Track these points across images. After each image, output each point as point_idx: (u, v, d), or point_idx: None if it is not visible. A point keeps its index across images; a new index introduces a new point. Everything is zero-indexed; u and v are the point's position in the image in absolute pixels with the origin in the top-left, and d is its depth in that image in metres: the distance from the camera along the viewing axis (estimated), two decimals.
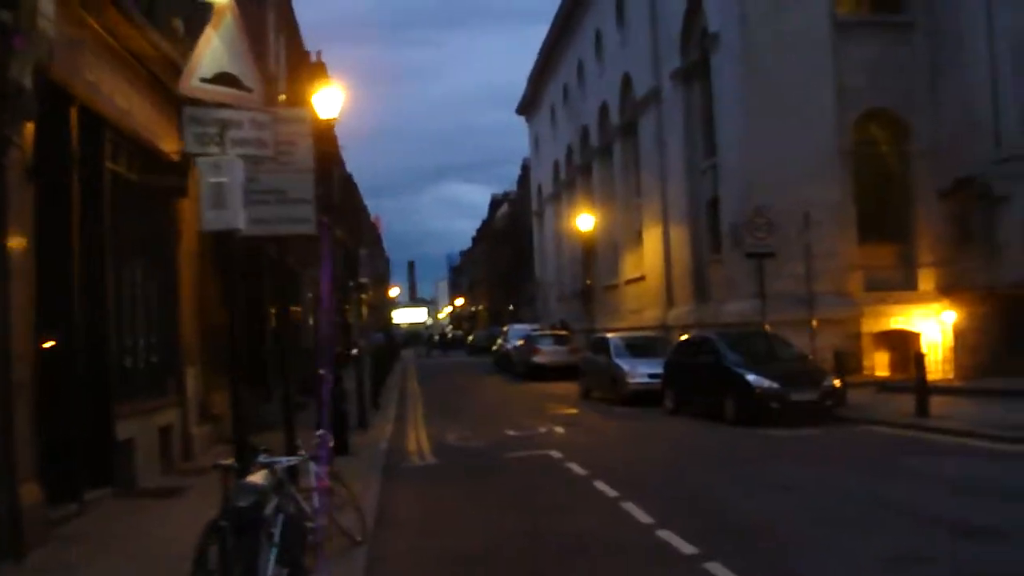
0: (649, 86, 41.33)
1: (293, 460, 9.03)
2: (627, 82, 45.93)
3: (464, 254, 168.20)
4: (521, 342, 44.10)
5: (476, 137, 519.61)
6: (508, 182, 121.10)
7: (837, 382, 21.35)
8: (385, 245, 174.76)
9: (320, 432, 10.84)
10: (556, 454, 17.22)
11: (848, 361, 24.49)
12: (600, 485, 13.65)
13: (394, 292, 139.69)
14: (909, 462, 14.76)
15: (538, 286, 76.37)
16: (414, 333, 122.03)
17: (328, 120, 18.14)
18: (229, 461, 8.12)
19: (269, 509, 7.46)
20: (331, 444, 10.50)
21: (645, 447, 18.79)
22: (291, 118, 10.75)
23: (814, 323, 25.94)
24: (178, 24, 16.93)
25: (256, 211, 10.40)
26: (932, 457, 15.33)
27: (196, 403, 18.03)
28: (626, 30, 45.63)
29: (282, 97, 20.71)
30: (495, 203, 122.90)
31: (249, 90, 8.26)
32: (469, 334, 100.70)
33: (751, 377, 20.84)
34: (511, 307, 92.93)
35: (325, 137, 18.41)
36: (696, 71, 36.08)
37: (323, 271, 17.71)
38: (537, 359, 40.43)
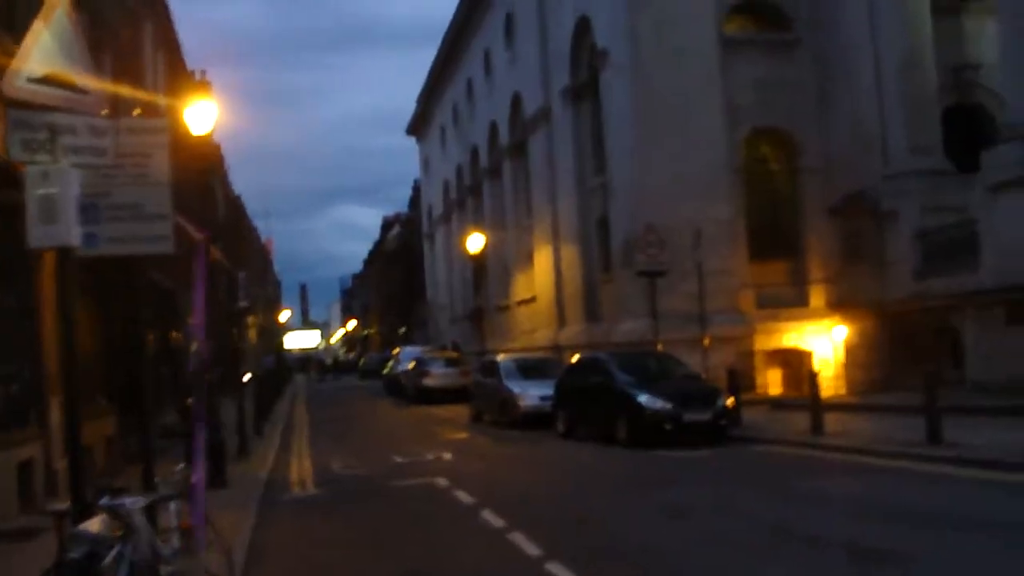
0: (539, 105, 40.97)
1: (143, 500, 8.21)
2: (517, 101, 45.55)
3: (356, 277, 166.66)
4: (411, 365, 43.30)
5: (370, 160, 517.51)
6: (402, 204, 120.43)
7: (731, 401, 21.03)
8: (277, 268, 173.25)
9: (179, 467, 10.05)
10: (443, 481, 16.50)
11: (741, 379, 24.16)
12: (487, 515, 12.96)
13: (285, 316, 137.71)
14: (805, 483, 14.36)
15: (430, 308, 75.61)
16: (307, 357, 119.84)
17: (202, 136, 17.28)
18: (63, 505, 7.31)
19: (109, 559, 6.65)
20: (198, 477, 9.71)
21: (534, 472, 18.18)
22: (146, 128, 9.97)
23: (706, 341, 25.67)
24: None
25: (110, 228, 9.66)
26: (829, 477, 14.99)
27: (62, 435, 16.94)
28: (515, 48, 45.26)
29: (137, 111, 19.78)
30: (387, 225, 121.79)
31: (84, 92, 7.44)
32: (361, 357, 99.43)
33: (643, 398, 20.36)
34: (402, 330, 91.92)
35: (201, 153, 17.51)
36: (586, 89, 35.80)
37: (196, 291, 16.87)
38: (427, 382, 39.61)
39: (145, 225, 9.72)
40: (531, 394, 26.27)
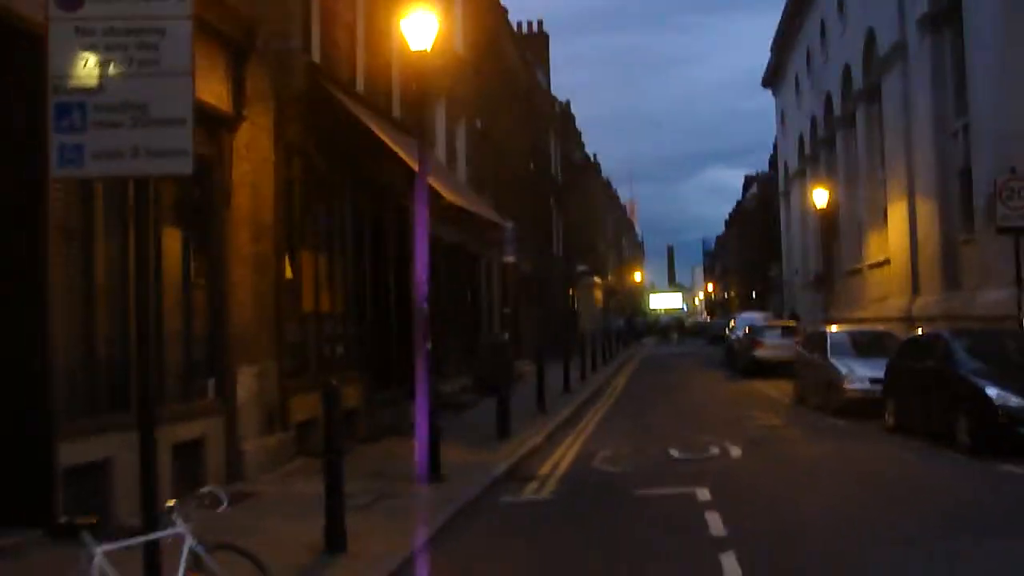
0: (893, 40, 35.55)
1: (131, 541, 5.89)
2: (871, 38, 40.09)
3: (718, 239, 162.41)
4: (745, 333, 39.20)
5: (742, 121, 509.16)
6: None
7: None
8: (639, 230, 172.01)
9: (205, 490, 6.92)
10: (704, 495, 12.63)
11: None
12: (729, 561, 9.14)
13: (638, 277, 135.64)
14: None
15: (783, 272, 70.69)
16: (671, 319, 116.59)
17: (419, 52, 14.14)
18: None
19: None
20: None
21: (835, 487, 13.73)
22: None
23: None
24: None
25: (102, 138, 6.58)
26: None
27: (258, 410, 14.39)
28: None
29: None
30: (747, 184, 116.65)
31: None
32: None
33: (992, 391, 15.50)
34: (753, 294, 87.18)
35: (417, 72, 14.42)
36: (947, 14, 30.22)
37: (417, 233, 13.77)
38: (758, 353, 35.45)
39: (151, 134, 6.61)
40: (860, 375, 21.66)
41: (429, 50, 14.16)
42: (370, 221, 20.18)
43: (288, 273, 16.03)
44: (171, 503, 6.38)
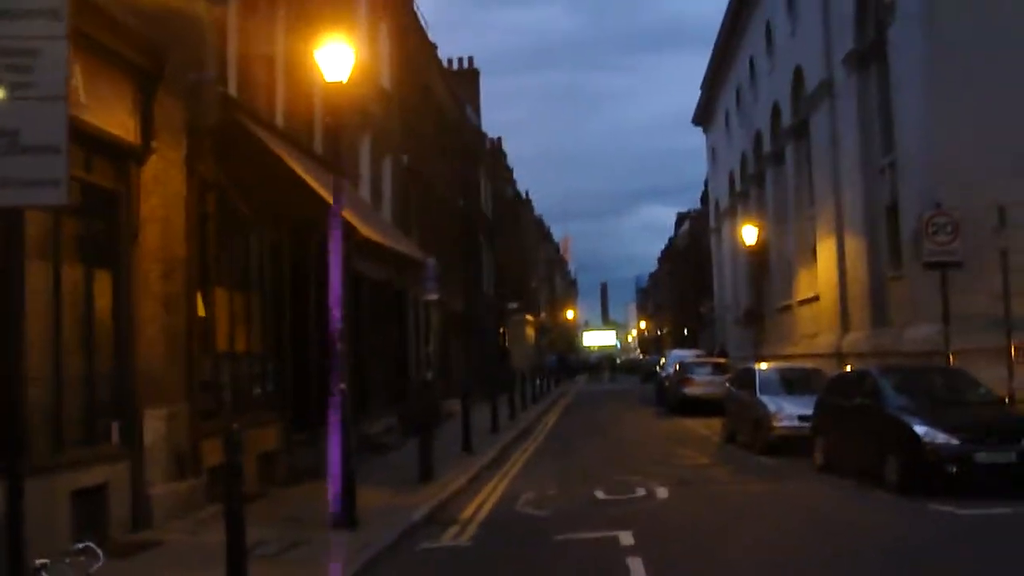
0: (821, 77, 35.78)
1: None
2: (799, 75, 40.36)
3: (651, 276, 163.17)
4: (675, 369, 39.01)
5: (677, 159, 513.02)
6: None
7: None
8: (573, 268, 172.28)
9: (80, 545, 6.42)
10: (627, 538, 12.21)
11: None
12: None
13: (571, 314, 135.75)
14: None
15: (714, 308, 70.87)
16: (604, 356, 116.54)
17: (335, 83, 13.73)
18: None
19: None
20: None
21: (761, 529, 13.35)
22: (32, 9, 6.30)
23: (1013, 351, 20.18)
24: None
25: None
26: None
27: (167, 454, 13.78)
28: (796, 15, 40.11)
29: None
30: (680, 221, 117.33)
31: None
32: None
33: (920, 428, 15.27)
34: (685, 331, 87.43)
35: (333, 103, 14.00)
36: (872, 51, 30.40)
37: (331, 265, 13.30)
38: (688, 391, 35.17)
39: (23, 163, 6.12)
40: (788, 412, 21.42)
41: (345, 81, 13.74)
42: (289, 258, 19.66)
43: (201, 311, 15.45)
44: (41, 562, 5.88)
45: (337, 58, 13.56)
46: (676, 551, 11.66)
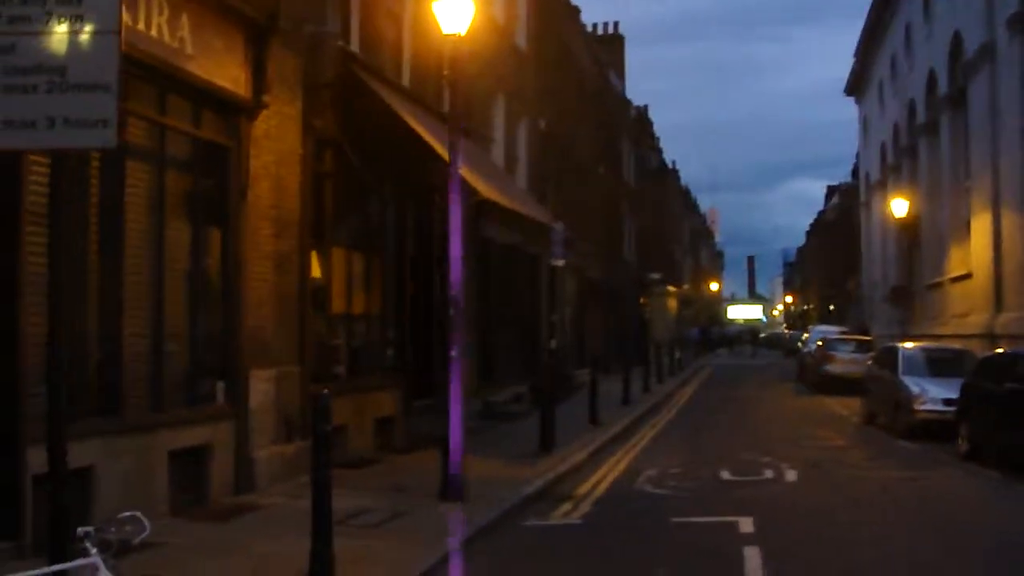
0: (981, 41, 33.90)
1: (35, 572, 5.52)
2: (957, 41, 38.38)
3: (799, 250, 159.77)
4: (818, 345, 37.73)
5: (825, 132, 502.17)
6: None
7: None
8: (720, 240, 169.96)
9: (127, 514, 5.97)
10: (746, 525, 11.46)
11: None
12: None
13: (715, 287, 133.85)
14: None
15: (862, 284, 68.75)
16: (749, 330, 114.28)
17: (452, 35, 13.15)
18: None
19: None
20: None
21: (894, 525, 12.27)
22: None
23: None
24: None
25: (12, 105, 5.68)
26: None
27: (274, 416, 13.49)
28: None
29: None
30: (830, 194, 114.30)
31: None
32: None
33: None
34: (831, 307, 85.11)
35: (450, 57, 13.43)
36: None
37: (452, 222, 12.81)
38: (829, 368, 33.98)
39: (73, 101, 5.68)
40: (932, 395, 20.20)
41: (463, 34, 13.15)
42: (413, 220, 19.28)
43: (316, 272, 15.15)
44: (84, 530, 5.49)
45: (456, 9, 12.98)
46: (798, 543, 10.83)
